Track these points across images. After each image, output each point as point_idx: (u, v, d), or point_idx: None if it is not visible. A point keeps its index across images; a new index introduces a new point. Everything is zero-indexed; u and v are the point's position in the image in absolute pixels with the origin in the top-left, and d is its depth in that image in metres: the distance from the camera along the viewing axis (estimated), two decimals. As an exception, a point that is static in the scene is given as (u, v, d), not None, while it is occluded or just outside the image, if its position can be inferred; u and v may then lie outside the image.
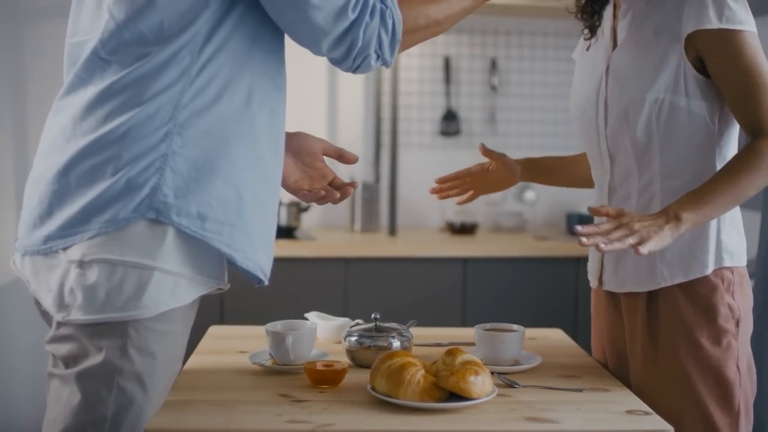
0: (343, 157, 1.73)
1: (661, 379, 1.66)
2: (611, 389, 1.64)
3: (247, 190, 1.45)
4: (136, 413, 1.38)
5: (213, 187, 1.41)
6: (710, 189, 1.55)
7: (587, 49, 1.84)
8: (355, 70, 1.51)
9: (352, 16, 1.42)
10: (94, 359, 1.36)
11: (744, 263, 1.70)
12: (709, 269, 1.64)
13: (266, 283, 1.55)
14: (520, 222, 3.79)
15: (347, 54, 1.46)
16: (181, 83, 1.38)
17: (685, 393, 1.63)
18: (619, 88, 1.68)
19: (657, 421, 1.47)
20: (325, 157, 1.74)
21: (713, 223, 1.65)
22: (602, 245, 1.47)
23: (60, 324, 1.39)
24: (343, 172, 3.82)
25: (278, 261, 3.24)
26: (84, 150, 1.40)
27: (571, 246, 3.40)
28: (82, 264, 1.36)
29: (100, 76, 1.41)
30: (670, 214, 1.53)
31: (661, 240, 1.51)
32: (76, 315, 1.36)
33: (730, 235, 1.68)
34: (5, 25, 3.54)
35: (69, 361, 1.38)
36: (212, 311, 3.20)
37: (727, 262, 1.66)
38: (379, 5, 1.46)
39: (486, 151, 2.00)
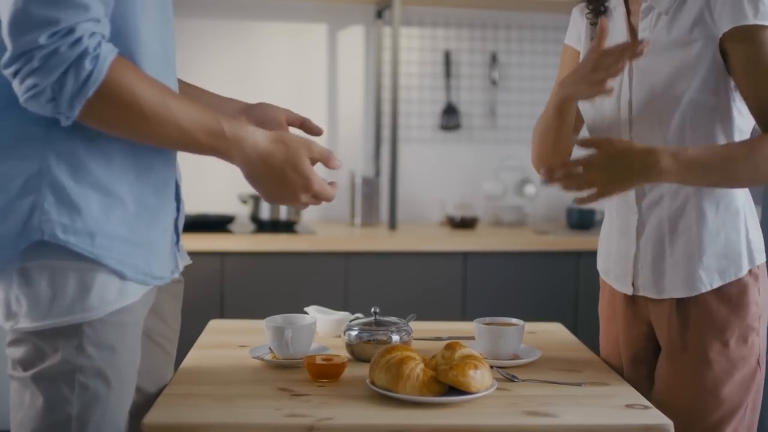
0: (306, 126, 1.64)
1: (688, 380, 1.64)
2: (611, 383, 1.65)
3: (134, 200, 1.37)
4: (102, 409, 1.34)
5: (97, 201, 1.33)
6: (707, 159, 1.53)
7: (591, 39, 1.78)
8: (23, 98, 1.24)
9: (49, 29, 1.20)
10: (52, 360, 1.32)
11: (764, 259, 1.69)
12: (744, 271, 1.64)
13: (166, 281, 1.47)
14: (521, 216, 3.79)
15: (18, 71, 1.22)
16: None
17: (713, 395, 1.62)
18: (649, 90, 1.65)
19: (656, 416, 1.47)
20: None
21: (742, 223, 1.65)
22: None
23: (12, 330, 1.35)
24: (343, 166, 3.81)
25: (278, 255, 3.29)
26: None
27: (571, 240, 3.40)
28: (23, 270, 1.31)
29: None
30: (652, 166, 1.51)
31: (619, 189, 1.52)
32: (24, 323, 1.32)
33: (755, 233, 1.67)
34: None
35: (26, 363, 1.34)
36: (212, 305, 3.20)
37: (758, 261, 1.66)
38: (86, 43, 1.22)
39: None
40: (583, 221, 3.65)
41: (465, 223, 3.65)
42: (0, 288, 1.34)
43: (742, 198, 1.66)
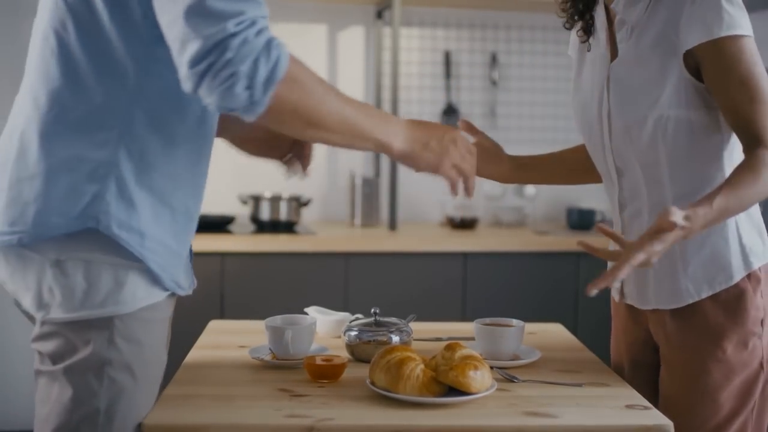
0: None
1: (686, 387, 1.64)
2: (611, 384, 1.64)
3: (182, 211, 1.43)
4: (127, 403, 1.37)
5: (150, 205, 1.38)
6: (719, 201, 1.47)
7: (588, 51, 1.78)
8: (220, 89, 1.25)
9: (235, 22, 1.25)
10: (83, 353, 1.35)
11: (767, 259, 1.65)
12: (736, 277, 1.61)
13: (186, 293, 1.51)
14: (521, 217, 3.79)
15: (212, 65, 1.24)
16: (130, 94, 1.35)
17: (711, 400, 1.61)
18: (620, 104, 1.65)
19: (656, 416, 1.47)
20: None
21: (732, 229, 1.62)
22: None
23: (43, 322, 1.37)
24: (343, 166, 3.82)
25: (279, 256, 3.29)
26: (39, 139, 1.36)
27: (571, 241, 3.39)
28: (58, 263, 1.34)
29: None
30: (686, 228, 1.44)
31: (664, 251, 1.45)
32: (56, 313, 1.34)
33: (751, 237, 1.64)
34: (5, 20, 3.53)
35: (56, 357, 1.36)
36: (212, 306, 3.20)
37: (755, 265, 1.62)
38: (267, 33, 1.28)
39: (467, 126, 1.91)
40: (584, 221, 3.65)
41: (465, 224, 3.65)
42: (32, 277, 1.36)
43: None
